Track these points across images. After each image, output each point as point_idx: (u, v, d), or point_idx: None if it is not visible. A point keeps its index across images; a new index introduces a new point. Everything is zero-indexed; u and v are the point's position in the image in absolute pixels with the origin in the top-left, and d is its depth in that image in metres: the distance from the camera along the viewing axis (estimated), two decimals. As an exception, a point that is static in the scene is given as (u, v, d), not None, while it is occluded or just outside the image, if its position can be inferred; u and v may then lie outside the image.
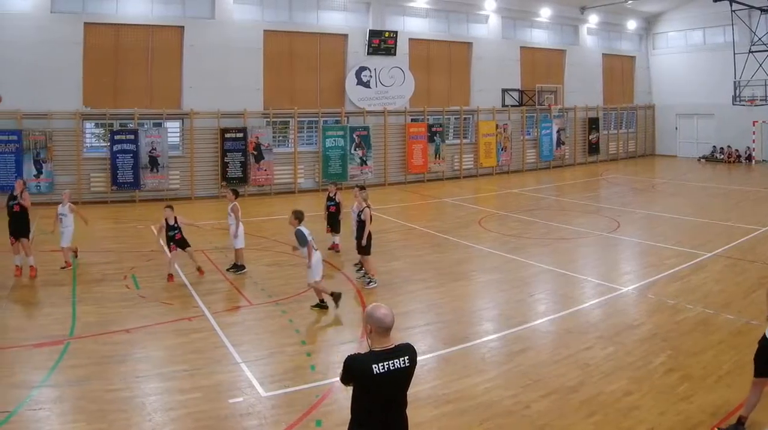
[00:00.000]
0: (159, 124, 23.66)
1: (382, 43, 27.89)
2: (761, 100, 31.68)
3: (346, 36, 27.52)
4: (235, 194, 13.83)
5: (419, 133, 28.95)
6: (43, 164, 21.42)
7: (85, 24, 22.31)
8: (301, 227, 10.67)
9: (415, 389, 6.94)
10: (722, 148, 36.30)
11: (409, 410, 4.58)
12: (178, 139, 24.39)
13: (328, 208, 15.33)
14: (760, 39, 31.24)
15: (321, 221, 15.55)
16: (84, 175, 22.20)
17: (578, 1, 34.50)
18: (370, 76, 27.90)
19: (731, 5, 30.42)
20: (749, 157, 35.21)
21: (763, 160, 34.97)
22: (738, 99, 32.25)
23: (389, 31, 28.05)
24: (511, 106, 32.79)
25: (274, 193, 25.22)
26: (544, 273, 13.54)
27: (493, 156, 31.44)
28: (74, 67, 22.13)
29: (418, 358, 4.56)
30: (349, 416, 4.49)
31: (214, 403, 7.53)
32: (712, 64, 35.10)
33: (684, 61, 37.64)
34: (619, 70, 38.80)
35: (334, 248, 15.17)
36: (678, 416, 7.13)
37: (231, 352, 9.05)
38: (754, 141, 35.03)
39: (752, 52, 31.15)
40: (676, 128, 38.96)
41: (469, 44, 31.39)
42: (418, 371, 4.61)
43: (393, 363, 4.30)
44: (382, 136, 28.08)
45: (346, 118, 27.41)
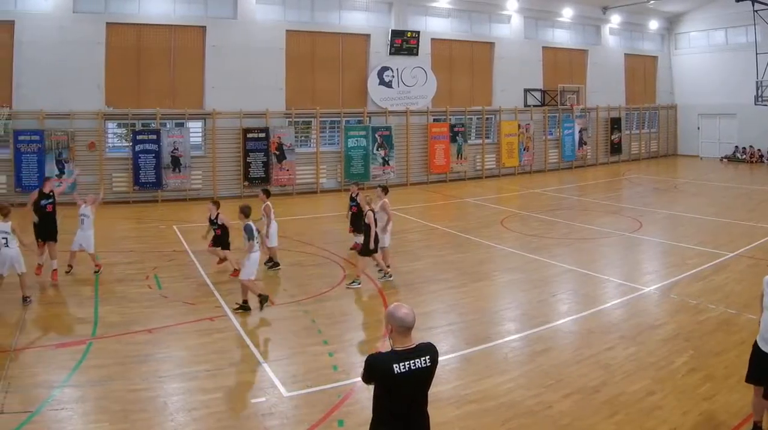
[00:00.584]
0: (181, 124, 23.82)
1: (404, 43, 27.85)
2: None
3: (368, 36, 27.55)
4: (267, 194, 13.95)
5: (441, 134, 28.89)
6: (65, 164, 21.56)
7: (107, 24, 22.49)
8: (249, 221, 10.90)
9: (437, 389, 6.96)
10: (744, 148, 35.81)
11: (430, 410, 4.57)
12: (200, 139, 24.51)
13: (350, 208, 15.36)
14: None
15: (344, 221, 15.52)
16: (106, 175, 22.33)
17: (600, 1, 34.18)
18: (393, 76, 27.88)
19: (753, 5, 30.09)
20: (771, 157, 34.73)
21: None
22: (760, 99, 31.76)
23: (411, 31, 28.01)
24: (533, 106, 32.60)
25: (296, 194, 25.25)
26: (566, 273, 13.45)
27: (516, 156, 31.28)
28: (96, 68, 22.29)
29: (440, 358, 4.55)
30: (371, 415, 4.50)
31: (236, 403, 7.57)
32: (734, 64, 34.59)
33: (706, 61, 37.14)
34: (641, 70, 38.38)
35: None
36: (700, 416, 7.08)
37: (253, 352, 9.08)
38: (775, 141, 34.54)
39: (774, 52, 30.66)
40: (698, 128, 38.43)
41: (492, 44, 31.25)
42: (440, 370, 4.60)
43: (414, 363, 4.30)
44: (404, 136, 28.05)
45: (368, 118, 27.38)
